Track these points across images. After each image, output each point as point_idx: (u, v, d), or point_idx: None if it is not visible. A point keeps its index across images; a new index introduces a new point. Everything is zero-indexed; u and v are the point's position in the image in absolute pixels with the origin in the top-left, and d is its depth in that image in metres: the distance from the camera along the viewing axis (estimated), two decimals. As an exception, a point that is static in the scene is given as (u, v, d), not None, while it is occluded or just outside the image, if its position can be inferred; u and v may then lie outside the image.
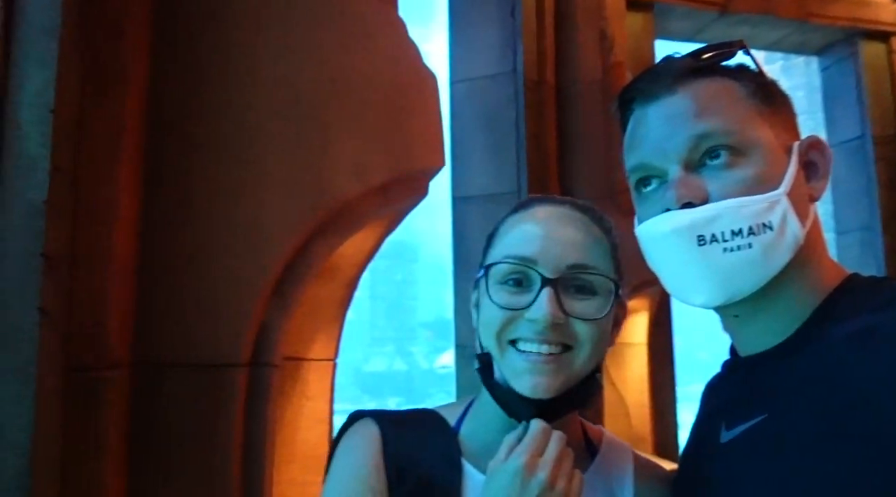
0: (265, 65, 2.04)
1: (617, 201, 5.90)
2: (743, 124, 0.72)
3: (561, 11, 6.09)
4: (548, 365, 0.78)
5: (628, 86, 0.81)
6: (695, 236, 0.70)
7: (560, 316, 0.78)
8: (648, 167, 0.76)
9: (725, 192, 0.70)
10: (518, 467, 0.71)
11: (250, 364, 1.77)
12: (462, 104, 5.85)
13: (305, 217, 1.98)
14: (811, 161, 0.76)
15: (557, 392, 0.78)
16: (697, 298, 0.72)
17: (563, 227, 0.84)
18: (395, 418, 0.87)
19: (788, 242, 0.69)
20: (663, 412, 6.22)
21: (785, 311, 0.73)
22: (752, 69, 0.78)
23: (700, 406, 0.91)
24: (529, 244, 0.81)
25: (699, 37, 7.83)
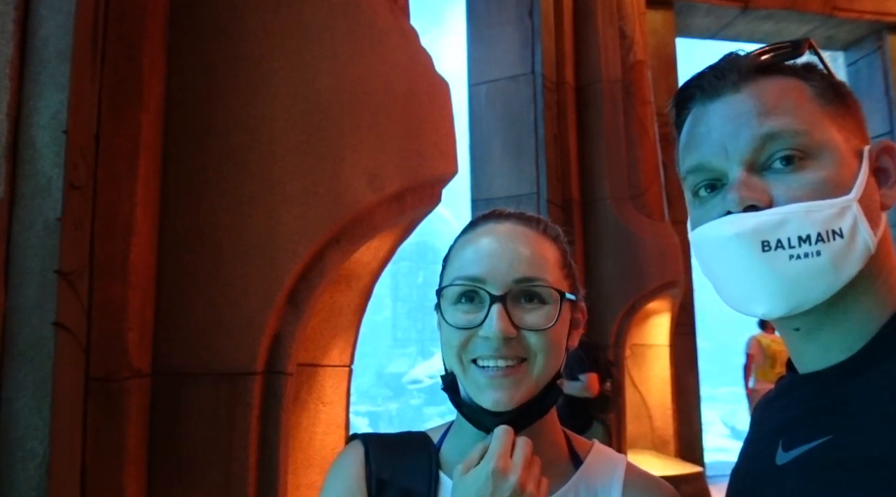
0: (278, 76, 2.07)
1: (638, 202, 5.88)
2: (811, 125, 0.68)
3: (579, 11, 6.07)
4: (507, 378, 0.81)
5: (688, 83, 0.75)
6: (759, 242, 0.65)
7: (511, 330, 0.80)
8: (708, 168, 0.71)
9: (791, 195, 0.66)
10: (491, 470, 0.74)
11: (265, 372, 1.80)
12: (481, 106, 5.86)
13: (320, 226, 2.00)
14: (882, 167, 0.72)
15: (519, 403, 0.81)
16: (759, 308, 0.67)
17: (509, 243, 0.86)
18: (384, 439, 0.94)
19: (859, 251, 0.65)
20: (687, 414, 6.17)
21: (852, 325, 0.68)
22: (820, 69, 0.73)
23: (753, 423, 0.86)
24: (477, 264, 0.84)
25: (721, 34, 7.75)
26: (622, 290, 5.30)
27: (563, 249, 0.91)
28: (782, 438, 0.72)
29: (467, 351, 0.83)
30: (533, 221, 0.92)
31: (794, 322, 0.70)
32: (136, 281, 1.68)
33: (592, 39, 6.02)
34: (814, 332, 0.70)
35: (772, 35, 7.43)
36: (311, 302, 1.98)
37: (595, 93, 5.93)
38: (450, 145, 2.30)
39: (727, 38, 7.63)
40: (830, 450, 0.65)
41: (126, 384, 1.62)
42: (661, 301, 5.69)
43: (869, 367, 0.66)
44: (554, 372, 0.85)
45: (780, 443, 0.72)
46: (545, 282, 0.83)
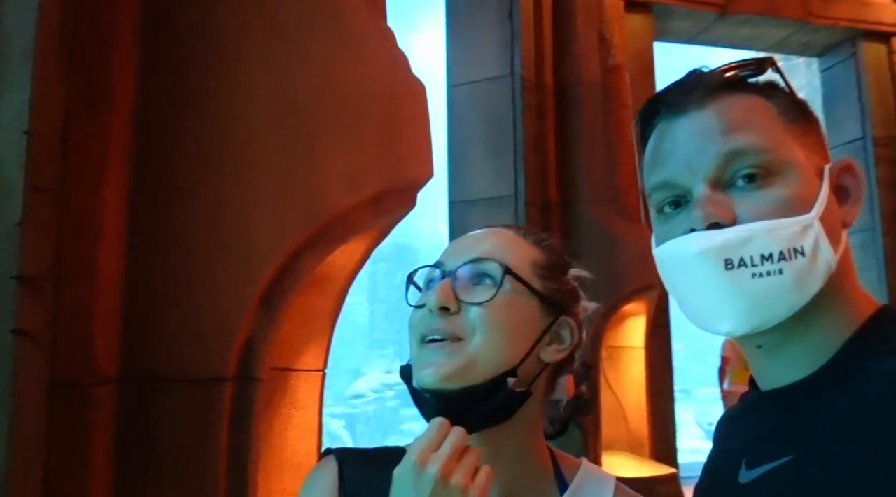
0: (253, 76, 2.04)
1: (616, 205, 5.90)
2: (776, 143, 0.68)
3: (559, 13, 6.08)
4: (440, 351, 0.79)
5: (653, 99, 0.75)
6: (722, 260, 0.65)
7: (450, 300, 0.79)
8: (673, 185, 0.71)
9: (756, 213, 0.66)
10: (411, 463, 0.71)
11: (237, 378, 1.78)
12: (461, 108, 5.84)
13: (295, 229, 1.98)
14: (843, 185, 0.72)
15: (452, 381, 0.77)
16: (722, 326, 0.67)
17: (477, 235, 0.88)
18: (361, 455, 0.90)
19: (821, 269, 0.65)
20: (662, 415, 6.21)
21: (815, 342, 0.68)
22: (783, 87, 0.73)
23: (716, 440, 0.86)
24: (444, 252, 0.87)
25: (700, 38, 7.81)
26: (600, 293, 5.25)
27: (546, 255, 0.89)
28: (746, 457, 0.72)
29: (419, 329, 0.82)
30: (515, 227, 0.92)
31: (757, 340, 0.70)
32: (105, 285, 1.64)
33: (572, 42, 6.03)
34: (776, 349, 0.70)
35: (750, 40, 7.50)
36: (286, 306, 1.95)
37: (574, 95, 5.95)
38: (426, 148, 2.29)
39: (706, 42, 7.70)
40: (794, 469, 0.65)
41: (93, 390, 1.59)
42: (637, 303, 5.71)
43: (833, 386, 0.65)
44: (500, 364, 0.80)
45: (744, 461, 0.72)
46: (498, 262, 0.82)
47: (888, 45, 7.71)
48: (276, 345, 1.99)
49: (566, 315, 0.87)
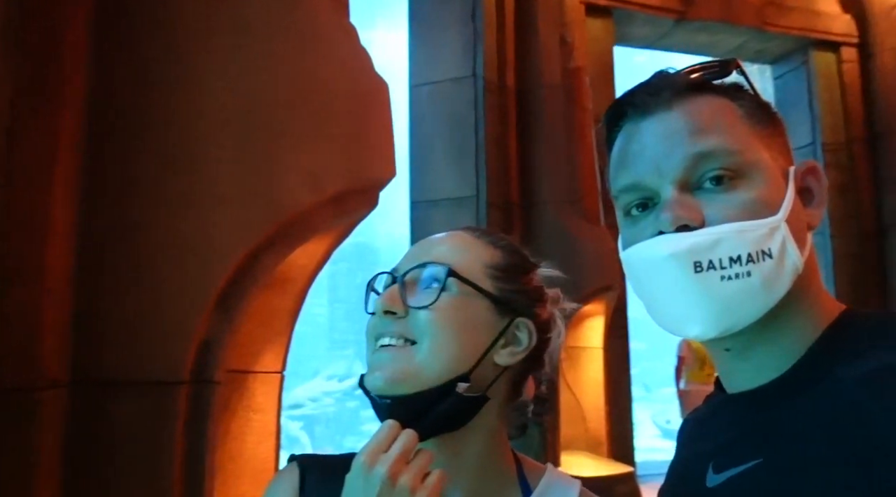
0: (215, 72, 1.99)
1: (577, 206, 5.96)
2: (743, 145, 0.68)
3: (521, 16, 6.12)
4: (385, 353, 0.79)
5: (619, 100, 0.74)
6: (692, 262, 0.64)
7: (397, 304, 0.79)
8: (641, 187, 0.70)
9: (724, 215, 0.65)
10: (360, 464, 0.70)
11: (192, 381, 1.73)
12: (423, 108, 5.83)
13: (255, 228, 1.94)
14: (807, 187, 0.72)
15: (400, 386, 0.77)
16: (692, 330, 0.67)
17: (432, 239, 0.88)
18: (324, 462, 0.87)
19: (787, 271, 0.65)
20: (620, 415, 6.29)
21: (782, 345, 0.68)
22: (748, 89, 0.74)
23: (681, 443, 0.85)
24: (401, 258, 0.87)
25: (659, 43, 7.94)
26: (560, 293, 5.36)
27: (503, 257, 0.87)
28: (713, 461, 0.71)
29: (371, 334, 0.82)
30: (474, 230, 0.90)
31: (726, 343, 0.69)
32: (53, 284, 1.58)
33: (534, 44, 6.07)
34: (745, 352, 0.69)
35: (707, 46, 7.65)
36: (244, 306, 1.91)
37: (536, 97, 5.99)
38: (389, 147, 2.27)
39: (665, 47, 7.83)
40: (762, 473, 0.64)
41: (41, 395, 1.52)
42: (596, 304, 5.78)
43: (801, 389, 0.65)
44: (449, 369, 0.78)
45: (711, 465, 0.71)
46: (446, 266, 0.81)
47: (837, 54, 7.96)
48: (234, 346, 1.94)
49: (524, 316, 0.84)
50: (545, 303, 0.89)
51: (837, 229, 7.30)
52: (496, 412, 0.84)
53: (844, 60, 7.93)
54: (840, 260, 7.38)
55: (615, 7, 7.05)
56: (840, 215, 7.27)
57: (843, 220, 7.31)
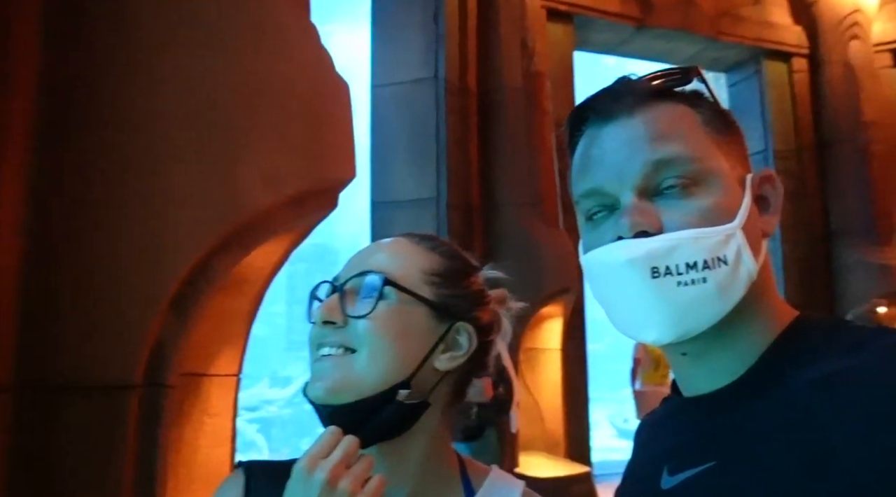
0: (171, 68, 1.96)
1: (537, 209, 6.01)
2: (702, 152, 0.69)
3: (483, 19, 6.14)
4: (326, 362, 0.79)
5: (582, 105, 0.75)
6: (649, 268, 0.65)
7: (335, 314, 0.80)
8: (602, 193, 0.71)
9: (681, 222, 0.66)
10: (300, 469, 0.70)
11: (144, 385, 1.68)
12: (385, 109, 5.80)
13: (211, 229, 1.91)
14: (763, 195, 0.73)
15: (340, 395, 0.78)
16: (649, 335, 0.68)
17: (370, 247, 0.88)
18: (271, 468, 0.87)
19: (742, 278, 0.66)
20: (577, 416, 6.36)
21: (738, 349, 0.69)
22: (708, 97, 0.74)
23: (637, 445, 0.86)
24: (344, 266, 0.86)
25: (619, 50, 8.06)
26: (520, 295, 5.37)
27: (442, 262, 0.87)
28: (668, 463, 0.72)
29: (312, 344, 0.82)
30: (416, 236, 0.90)
31: (682, 347, 0.70)
32: (-1, 285, 1.52)
33: (495, 48, 6.10)
34: (701, 357, 0.71)
35: (665, 53, 7.79)
36: (199, 308, 1.87)
37: (497, 100, 6.01)
38: (349, 148, 2.25)
39: (624, 54, 7.95)
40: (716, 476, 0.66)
41: (-16, 399, 1.47)
42: (554, 306, 5.83)
43: (755, 394, 0.66)
44: (389, 377, 0.79)
45: (666, 467, 0.72)
46: (381, 273, 0.81)
47: (789, 64, 8.20)
48: (188, 349, 1.90)
49: (464, 321, 0.85)
50: (487, 305, 0.90)
51: (787, 234, 7.51)
52: (438, 416, 0.85)
53: (795, 70, 8.18)
54: (789, 264, 7.60)
55: (576, 13, 7.13)
56: (789, 221, 7.48)
57: (792, 225, 7.53)
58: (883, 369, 0.59)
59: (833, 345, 0.65)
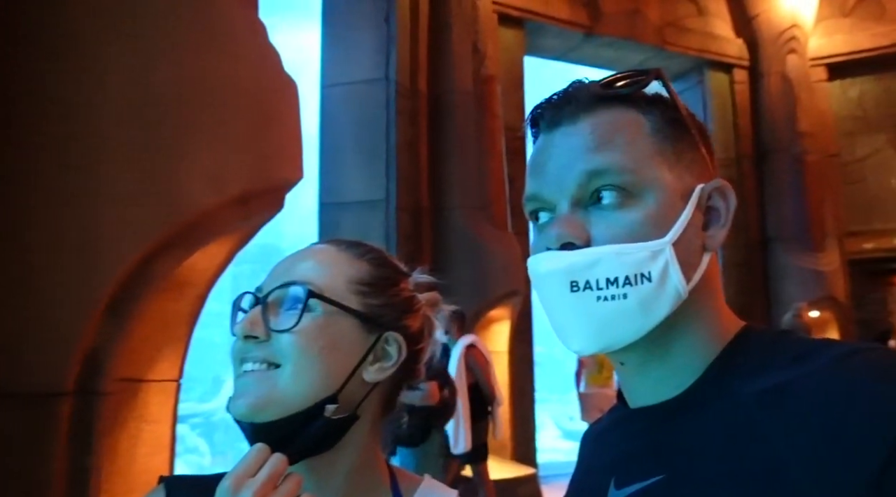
0: (112, 61, 1.88)
1: (486, 212, 6.04)
2: (639, 164, 0.67)
3: (435, 22, 6.14)
4: (249, 379, 0.76)
5: (536, 108, 0.74)
6: (568, 282, 0.65)
7: (258, 328, 0.76)
8: (541, 199, 0.70)
9: (609, 235, 0.65)
10: (225, 488, 0.67)
11: (76, 392, 1.61)
12: (334, 108, 5.74)
13: (151, 229, 1.84)
14: (713, 207, 0.71)
15: (264, 412, 0.75)
16: (572, 344, 0.68)
17: (295, 256, 0.84)
18: (194, 482, 0.83)
19: (668, 295, 0.65)
20: (523, 418, 6.42)
21: (679, 362, 0.68)
22: (666, 102, 0.71)
23: (582, 456, 0.84)
24: (267, 275, 0.82)
25: (568, 56, 8.18)
26: (468, 298, 5.40)
27: (372, 269, 0.84)
28: (615, 476, 0.71)
29: (235, 358, 0.78)
30: (343, 243, 0.86)
31: (618, 357, 0.70)
32: (-81, 286, 1.44)
33: (447, 51, 6.11)
34: (640, 368, 0.70)
35: (613, 61, 7.95)
36: (137, 311, 1.81)
37: (447, 103, 6.03)
38: (296, 149, 2.21)
39: (573, 60, 8.08)
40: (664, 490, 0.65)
41: None
42: (502, 309, 5.88)
43: (701, 406, 0.66)
44: (316, 392, 0.76)
45: (613, 480, 0.71)
46: (305, 285, 0.78)
47: (730, 75, 8.47)
48: (125, 354, 1.83)
49: (393, 330, 0.82)
50: (417, 312, 0.87)
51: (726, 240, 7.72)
52: (368, 429, 0.82)
53: (736, 81, 8.46)
54: (728, 269, 7.83)
55: (527, 18, 7.21)
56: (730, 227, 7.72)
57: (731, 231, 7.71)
58: (829, 381, 0.59)
59: (778, 356, 0.65)
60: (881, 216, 8.38)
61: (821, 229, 7.86)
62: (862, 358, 0.60)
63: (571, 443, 15.06)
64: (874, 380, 0.57)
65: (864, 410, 0.55)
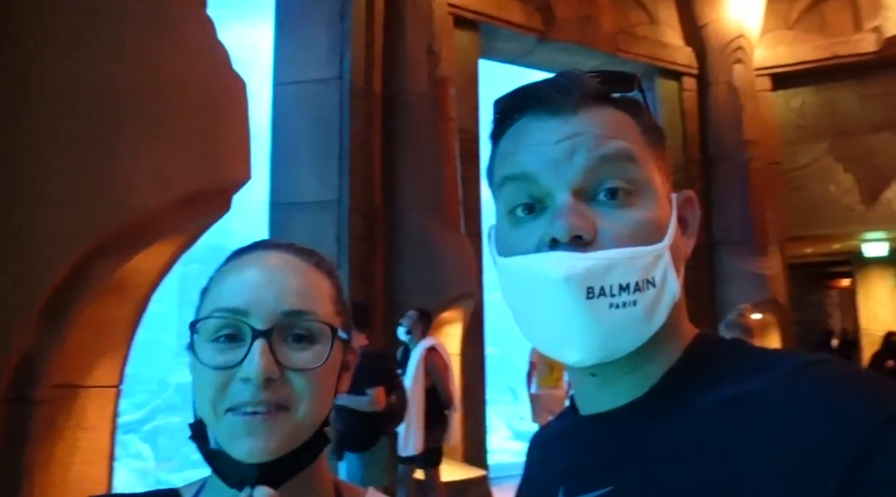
0: (51, 55, 1.82)
1: (439, 214, 6.03)
2: (643, 160, 0.66)
3: (391, 22, 6.11)
4: (265, 423, 0.69)
5: (522, 92, 0.69)
6: (585, 288, 0.61)
7: (274, 369, 0.70)
8: (531, 180, 0.65)
9: (616, 232, 0.63)
10: None
11: (8, 400, 1.55)
12: (287, 107, 5.65)
13: (91, 229, 1.78)
14: (683, 216, 0.71)
15: (277, 453, 0.70)
16: (572, 355, 0.64)
17: (278, 272, 0.76)
18: None
19: (667, 301, 0.64)
20: (474, 420, 6.44)
21: (644, 372, 0.66)
22: (646, 108, 0.71)
23: (530, 462, 0.82)
24: (241, 294, 0.73)
25: (522, 60, 8.24)
26: (420, 300, 5.39)
27: (338, 285, 0.82)
28: (565, 484, 0.70)
29: (224, 397, 0.70)
30: (306, 253, 0.81)
31: (594, 368, 0.66)
32: None
33: (402, 51, 6.09)
34: (612, 379, 0.68)
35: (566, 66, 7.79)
36: (75, 316, 1.75)
37: (402, 104, 6.00)
38: (245, 148, 2.16)
39: (527, 64, 8.14)
40: None
41: None
42: (455, 311, 5.88)
43: (655, 415, 0.64)
44: (321, 419, 0.74)
45: (562, 489, 0.70)
46: (317, 316, 0.74)
47: (680, 83, 8.68)
48: (62, 359, 1.76)
49: (349, 340, 0.81)
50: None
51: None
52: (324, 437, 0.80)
53: (685, 89, 8.66)
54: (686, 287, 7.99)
55: (482, 21, 7.24)
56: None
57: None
58: (786, 395, 0.58)
59: (735, 366, 0.64)
60: (820, 222, 8.70)
61: (764, 234, 8.11)
62: (818, 371, 0.59)
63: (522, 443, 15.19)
64: (831, 396, 0.56)
65: (823, 428, 0.54)
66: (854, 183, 8.57)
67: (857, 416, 0.53)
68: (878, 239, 9.35)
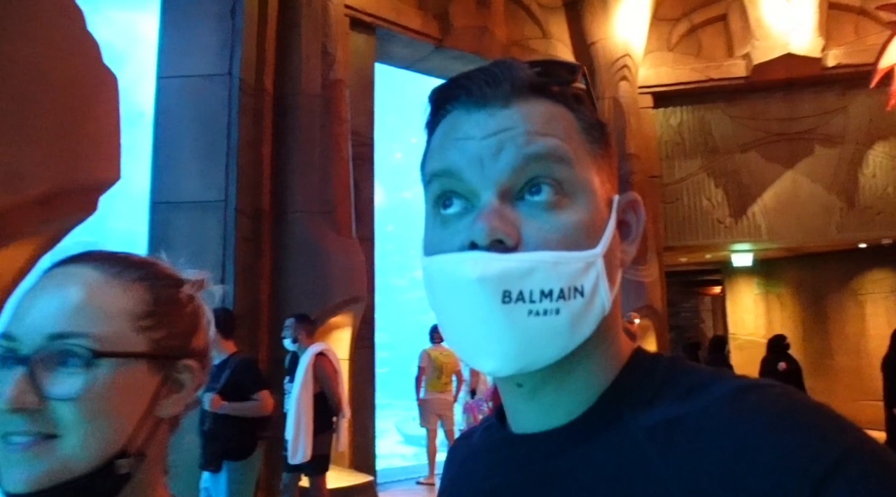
0: None
1: (328, 218, 5.96)
2: (577, 159, 0.61)
3: (284, 21, 5.98)
4: (24, 453, 0.64)
5: (454, 82, 0.65)
6: (501, 291, 0.57)
7: (29, 400, 0.64)
8: (457, 177, 0.61)
9: (542, 237, 0.58)
10: None
11: None
12: (170, 102, 5.40)
13: (-70, 229, 1.64)
14: (625, 221, 0.66)
15: (40, 485, 0.64)
16: (486, 364, 0.60)
17: (56, 291, 0.69)
18: None
19: (595, 312, 0.60)
20: (363, 425, 6.39)
21: (574, 388, 0.63)
22: (589, 102, 0.66)
23: (451, 476, 0.77)
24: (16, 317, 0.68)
25: (418, 66, 8.29)
26: (307, 304, 5.30)
27: (148, 296, 0.74)
28: None
29: None
30: (107, 263, 0.74)
31: (519, 378, 0.63)
32: None
33: (295, 51, 5.98)
34: (537, 391, 0.64)
35: (460, 74, 8.14)
36: None
37: (293, 104, 5.89)
38: (113, 147, 2.06)
39: (423, 71, 8.20)
40: None
41: None
42: (344, 316, 5.82)
43: (589, 438, 0.62)
44: (105, 451, 0.67)
45: None
46: (86, 338, 0.67)
47: (569, 95, 9.00)
48: None
49: (182, 357, 0.74)
50: (201, 326, 0.78)
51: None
52: (154, 466, 0.74)
53: (573, 100, 9.00)
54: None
55: (378, 25, 7.23)
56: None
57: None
58: (725, 421, 0.55)
59: (671, 387, 0.61)
60: (694, 233, 9.28)
61: (643, 244, 8.55)
62: (757, 397, 0.55)
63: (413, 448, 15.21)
64: (772, 429, 0.52)
65: (765, 468, 0.51)
66: (724, 198, 9.20)
67: (803, 458, 0.50)
68: (745, 250, 10.10)
